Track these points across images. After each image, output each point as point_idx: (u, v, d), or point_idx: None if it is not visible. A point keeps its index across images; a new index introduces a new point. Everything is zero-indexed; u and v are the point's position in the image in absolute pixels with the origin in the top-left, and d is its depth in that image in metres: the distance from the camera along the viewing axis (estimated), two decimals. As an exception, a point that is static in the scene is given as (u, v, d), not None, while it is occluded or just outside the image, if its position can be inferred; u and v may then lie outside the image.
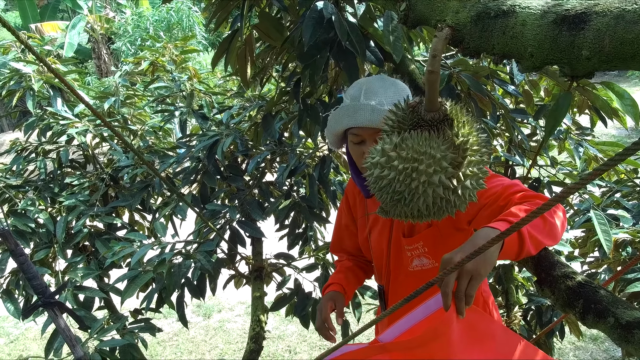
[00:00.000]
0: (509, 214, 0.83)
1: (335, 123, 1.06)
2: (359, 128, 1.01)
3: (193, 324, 3.75)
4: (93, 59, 10.51)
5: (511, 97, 1.83)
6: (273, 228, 2.01)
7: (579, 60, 0.48)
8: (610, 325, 0.77)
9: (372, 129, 0.99)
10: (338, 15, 1.21)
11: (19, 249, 0.94)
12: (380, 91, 1.00)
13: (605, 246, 1.41)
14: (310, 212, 1.83)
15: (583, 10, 0.48)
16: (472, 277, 0.76)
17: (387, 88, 1.01)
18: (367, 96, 1.00)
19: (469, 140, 0.61)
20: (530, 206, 0.85)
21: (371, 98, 0.99)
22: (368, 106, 0.97)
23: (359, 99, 1.01)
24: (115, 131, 1.12)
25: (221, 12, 1.49)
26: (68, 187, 1.96)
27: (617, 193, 1.76)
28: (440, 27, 0.60)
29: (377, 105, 0.97)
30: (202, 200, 1.90)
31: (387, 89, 1.01)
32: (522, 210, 0.83)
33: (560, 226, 0.92)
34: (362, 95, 1.01)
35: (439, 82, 0.60)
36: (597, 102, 1.37)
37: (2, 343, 3.73)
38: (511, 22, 0.53)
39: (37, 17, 9.97)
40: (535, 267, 0.99)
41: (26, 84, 1.90)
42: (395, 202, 0.62)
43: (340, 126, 1.05)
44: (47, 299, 0.99)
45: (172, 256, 1.59)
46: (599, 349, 3.09)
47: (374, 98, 0.99)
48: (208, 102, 2.16)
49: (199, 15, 9.69)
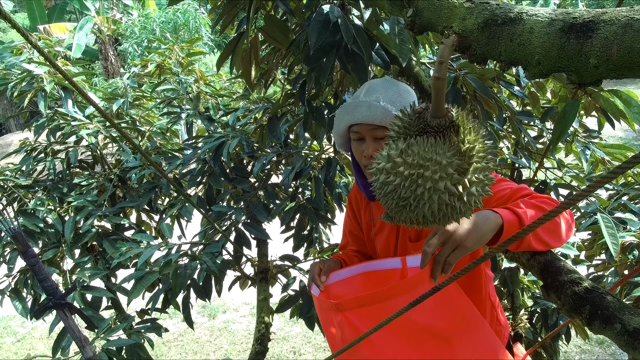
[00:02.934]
0: (514, 204, 0.86)
1: (338, 122, 1.09)
2: (358, 125, 1.04)
3: (198, 325, 3.77)
4: (100, 60, 10.60)
5: (517, 99, 1.82)
6: (278, 230, 2.02)
7: (587, 68, 0.48)
8: (617, 331, 0.76)
9: (370, 125, 1.02)
10: (344, 18, 1.21)
11: (30, 251, 0.95)
12: (380, 90, 1.03)
13: (612, 249, 1.40)
14: (316, 214, 1.83)
15: (591, 19, 0.48)
16: (458, 246, 0.79)
17: (388, 88, 1.04)
18: (366, 94, 1.04)
19: (475, 147, 0.62)
20: (537, 203, 0.86)
21: (370, 95, 1.02)
22: (365, 102, 1.00)
23: (359, 97, 1.05)
24: (123, 133, 1.13)
25: (227, 15, 1.50)
26: (76, 188, 1.98)
27: (624, 196, 1.75)
28: (447, 33, 0.60)
29: (374, 101, 1.00)
30: (208, 201, 1.91)
31: (388, 88, 1.04)
32: (527, 204, 0.84)
33: (566, 228, 0.92)
34: (362, 93, 1.05)
35: (445, 89, 0.60)
36: (604, 104, 1.37)
37: (9, 342, 3.77)
38: (518, 29, 0.54)
39: (45, 18, 10.06)
40: (541, 272, 0.99)
41: (38, 85, 1.92)
42: (401, 208, 0.62)
43: (342, 124, 1.07)
44: (58, 300, 1.00)
45: (178, 257, 1.61)
46: (604, 352, 3.06)
47: (372, 95, 1.02)
48: (214, 105, 2.17)
49: (206, 16, 9.73)
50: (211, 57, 9.58)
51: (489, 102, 1.45)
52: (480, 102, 1.43)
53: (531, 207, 0.86)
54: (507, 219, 0.82)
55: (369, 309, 0.89)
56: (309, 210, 1.83)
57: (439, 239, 0.80)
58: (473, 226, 0.79)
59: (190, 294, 1.71)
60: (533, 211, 0.85)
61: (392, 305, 0.84)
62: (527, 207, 0.85)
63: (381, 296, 0.87)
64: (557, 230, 0.89)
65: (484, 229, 0.80)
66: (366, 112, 0.99)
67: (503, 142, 1.87)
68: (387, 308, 0.86)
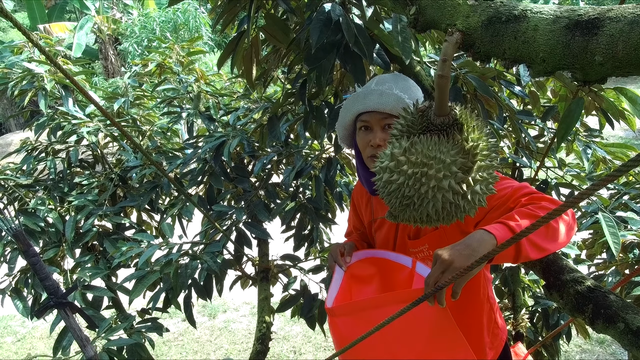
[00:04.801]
0: (508, 217, 0.83)
1: (346, 112, 1.09)
2: (367, 114, 1.04)
3: (198, 324, 3.77)
4: (100, 59, 10.59)
5: (517, 98, 1.82)
6: (279, 229, 2.02)
7: (592, 65, 0.48)
8: (621, 330, 0.76)
9: (381, 114, 1.01)
10: (346, 17, 1.21)
11: (31, 250, 0.95)
12: (391, 80, 1.05)
13: (614, 248, 1.40)
14: (317, 214, 1.83)
15: (596, 16, 0.48)
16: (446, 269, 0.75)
17: (398, 80, 1.06)
18: (378, 84, 1.04)
19: (479, 145, 0.61)
20: (533, 210, 0.84)
21: (381, 85, 1.03)
22: (377, 90, 1.01)
23: (370, 86, 1.05)
24: (124, 132, 1.12)
25: (228, 14, 1.50)
26: (77, 187, 1.98)
27: (625, 195, 1.74)
28: (450, 31, 0.60)
29: (386, 89, 1.00)
30: (209, 201, 1.91)
31: (398, 81, 1.06)
32: (523, 214, 0.82)
33: (567, 229, 0.90)
34: (373, 83, 1.06)
35: (449, 87, 0.60)
36: (604, 104, 1.36)
37: (9, 342, 3.77)
38: (523, 27, 0.53)
39: (45, 18, 10.05)
40: (543, 271, 0.99)
41: (38, 84, 1.91)
42: (405, 206, 0.62)
43: (350, 113, 1.07)
44: (59, 299, 1.00)
45: (179, 257, 1.60)
46: (605, 352, 3.06)
47: (384, 84, 1.03)
48: (215, 104, 2.17)
49: (206, 16, 9.73)
50: (211, 56, 9.57)
51: (490, 102, 1.45)
52: (481, 102, 1.43)
53: (526, 216, 0.82)
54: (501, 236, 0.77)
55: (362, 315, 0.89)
56: (310, 210, 1.82)
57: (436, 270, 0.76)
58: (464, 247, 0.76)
59: (191, 294, 1.71)
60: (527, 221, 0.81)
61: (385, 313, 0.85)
62: (522, 217, 0.82)
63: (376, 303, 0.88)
64: (556, 236, 0.86)
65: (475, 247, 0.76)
66: (378, 99, 0.99)
67: (504, 142, 1.87)
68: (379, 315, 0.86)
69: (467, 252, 0.74)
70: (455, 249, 0.75)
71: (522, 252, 0.78)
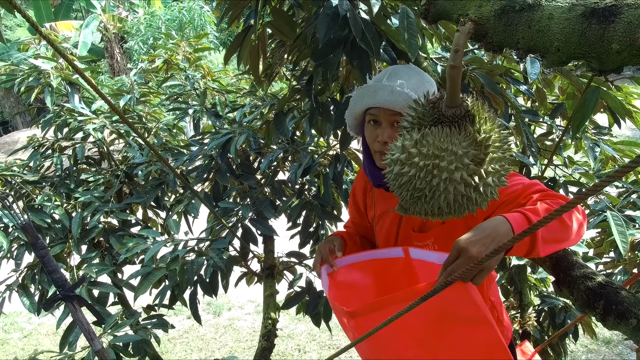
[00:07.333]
0: (528, 209, 0.81)
1: (355, 103, 1.06)
2: (376, 108, 1.02)
3: (203, 322, 3.78)
4: (106, 58, 10.65)
5: (525, 95, 1.81)
6: (285, 226, 2.01)
7: (609, 54, 0.47)
8: (633, 327, 0.75)
9: (390, 110, 0.99)
10: (353, 12, 1.20)
11: (39, 242, 0.95)
12: (403, 76, 1.00)
13: (622, 247, 1.38)
14: (323, 211, 1.83)
15: (613, 3, 0.47)
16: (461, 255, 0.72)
17: (411, 75, 1.02)
18: (389, 78, 1.00)
19: (491, 137, 0.61)
20: (552, 205, 0.83)
21: (393, 80, 0.99)
22: (388, 87, 0.97)
23: (382, 80, 1.02)
24: (133, 127, 1.12)
25: (233, 10, 1.50)
26: (83, 184, 1.98)
27: (634, 194, 1.73)
28: (462, 21, 0.59)
29: (397, 87, 0.97)
30: (215, 198, 1.91)
31: (412, 76, 1.01)
32: (542, 208, 0.81)
33: (578, 227, 0.89)
34: (385, 77, 1.02)
35: (460, 77, 0.59)
36: (610, 102, 1.35)
37: (16, 338, 3.79)
38: (537, 15, 0.52)
39: (51, 16, 10.10)
40: (553, 267, 0.98)
41: (45, 80, 1.92)
42: (416, 199, 0.61)
43: (360, 106, 1.05)
44: (67, 292, 1.00)
45: (184, 253, 1.60)
46: (611, 352, 3.04)
47: (395, 80, 0.99)
48: (221, 101, 2.16)
49: (211, 14, 9.75)
50: (216, 54, 9.60)
51: (496, 99, 1.43)
52: (488, 98, 1.41)
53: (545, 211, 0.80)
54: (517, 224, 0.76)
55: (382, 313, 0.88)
56: (316, 207, 1.82)
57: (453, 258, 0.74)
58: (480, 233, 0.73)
59: (197, 290, 1.71)
60: None
61: None
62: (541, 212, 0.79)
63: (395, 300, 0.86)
64: (568, 234, 0.84)
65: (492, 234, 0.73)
66: (388, 96, 0.97)
67: (511, 140, 1.85)
68: None
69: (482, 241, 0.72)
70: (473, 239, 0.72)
71: (535, 248, 0.77)
